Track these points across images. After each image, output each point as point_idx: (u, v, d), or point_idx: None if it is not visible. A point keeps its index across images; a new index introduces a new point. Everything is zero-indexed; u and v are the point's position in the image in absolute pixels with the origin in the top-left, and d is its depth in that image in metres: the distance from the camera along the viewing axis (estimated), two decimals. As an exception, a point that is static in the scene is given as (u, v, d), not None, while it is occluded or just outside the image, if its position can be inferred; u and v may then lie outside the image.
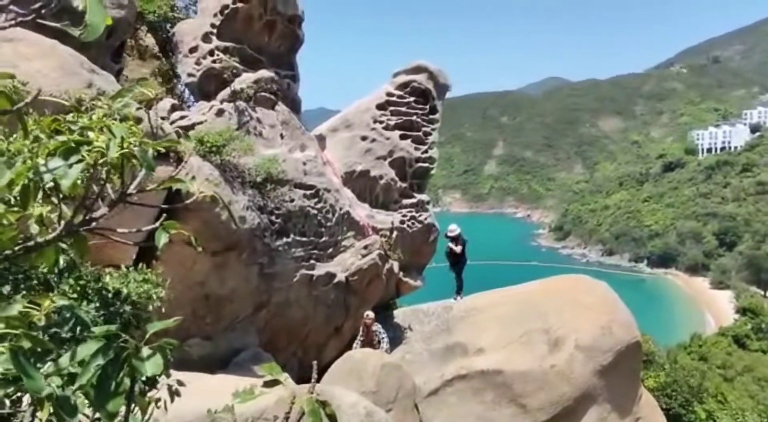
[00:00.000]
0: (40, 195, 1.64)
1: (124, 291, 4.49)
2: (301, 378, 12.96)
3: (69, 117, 1.77)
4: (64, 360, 1.51)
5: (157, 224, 1.83)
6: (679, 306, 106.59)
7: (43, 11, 2.20)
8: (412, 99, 16.75)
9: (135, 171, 1.74)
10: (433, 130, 17.09)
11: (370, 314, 13.75)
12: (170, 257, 10.49)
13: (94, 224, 1.69)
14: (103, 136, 1.58)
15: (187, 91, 15.16)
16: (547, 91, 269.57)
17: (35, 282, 4.08)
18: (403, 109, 16.59)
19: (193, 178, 10.83)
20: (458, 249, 16.09)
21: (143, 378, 1.54)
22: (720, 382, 41.29)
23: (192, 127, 12.56)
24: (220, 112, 13.08)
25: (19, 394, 2.72)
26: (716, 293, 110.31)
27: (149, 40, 15.87)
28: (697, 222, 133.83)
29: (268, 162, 12.77)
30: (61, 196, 1.62)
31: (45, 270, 3.95)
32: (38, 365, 1.50)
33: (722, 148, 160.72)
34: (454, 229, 16.27)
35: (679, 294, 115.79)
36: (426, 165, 17.00)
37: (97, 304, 4.02)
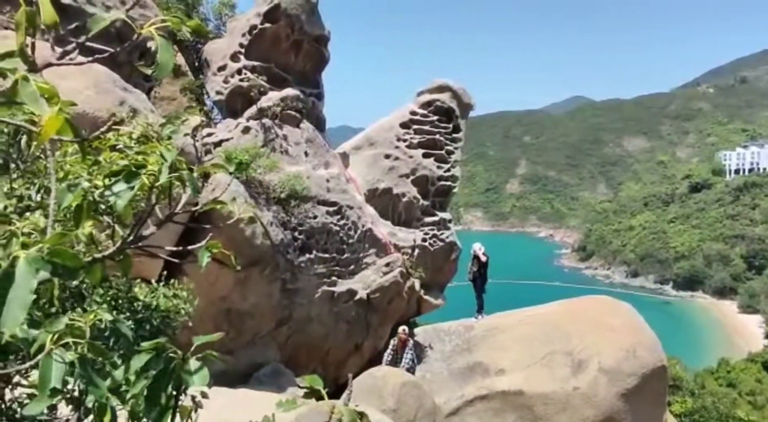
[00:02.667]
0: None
1: (154, 304, 4.62)
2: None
3: (122, 140, 1.88)
4: (119, 372, 1.58)
5: (203, 243, 1.92)
6: (706, 330, 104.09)
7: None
8: (435, 118, 16.85)
9: (178, 191, 1.83)
10: (456, 148, 17.15)
11: (406, 329, 13.83)
12: (194, 271, 10.63)
13: (141, 243, 1.78)
14: (153, 159, 1.68)
15: (215, 109, 15.47)
16: (571, 110, 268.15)
17: (68, 294, 4.20)
18: (427, 127, 16.70)
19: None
20: (483, 258, 15.96)
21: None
22: (750, 410, 40.11)
23: (219, 143, 12.81)
24: (246, 130, 13.32)
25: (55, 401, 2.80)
26: (745, 317, 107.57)
27: (180, 59, 16.25)
28: (725, 245, 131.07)
29: (293, 179, 12.94)
30: (114, 215, 1.72)
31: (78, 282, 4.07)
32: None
33: (750, 170, 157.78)
34: (478, 248, 16.22)
35: (706, 317, 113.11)
36: (449, 183, 17.04)
37: (127, 314, 4.13)
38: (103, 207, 1.72)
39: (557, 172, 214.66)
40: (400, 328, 13.90)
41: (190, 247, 2.13)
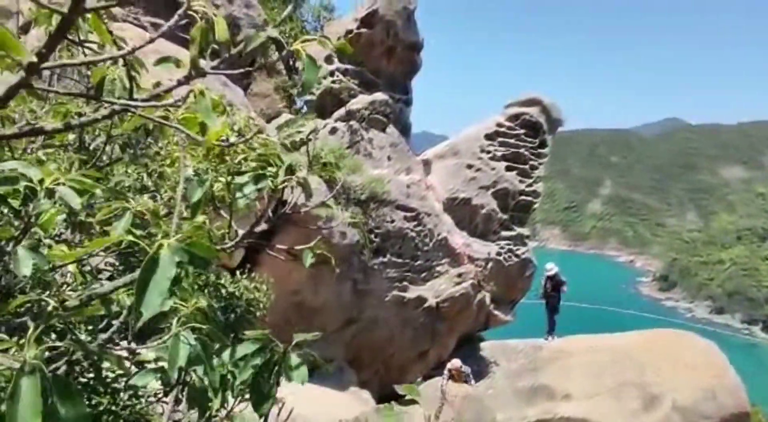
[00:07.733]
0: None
1: (238, 293, 4.86)
2: (381, 396, 13.05)
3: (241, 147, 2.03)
4: (226, 356, 1.72)
5: (312, 243, 2.04)
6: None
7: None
8: (522, 131, 16.61)
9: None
10: (540, 164, 16.83)
11: (457, 363, 12.70)
12: (269, 261, 10.98)
13: (252, 238, 1.91)
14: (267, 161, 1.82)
15: (305, 107, 15.92)
16: (664, 132, 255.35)
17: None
18: (512, 140, 16.49)
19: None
20: (556, 290, 15.61)
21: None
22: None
23: (305, 142, 13.19)
24: (333, 130, 13.65)
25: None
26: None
27: (276, 57, 16.85)
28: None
29: (374, 181, 13.14)
30: (232, 210, 1.87)
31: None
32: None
33: None
34: (551, 268, 15.84)
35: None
36: (530, 198, 16.74)
37: (214, 301, 4.35)
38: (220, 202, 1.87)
39: (643, 196, 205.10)
40: (453, 364, 12.76)
41: (299, 247, 2.25)
